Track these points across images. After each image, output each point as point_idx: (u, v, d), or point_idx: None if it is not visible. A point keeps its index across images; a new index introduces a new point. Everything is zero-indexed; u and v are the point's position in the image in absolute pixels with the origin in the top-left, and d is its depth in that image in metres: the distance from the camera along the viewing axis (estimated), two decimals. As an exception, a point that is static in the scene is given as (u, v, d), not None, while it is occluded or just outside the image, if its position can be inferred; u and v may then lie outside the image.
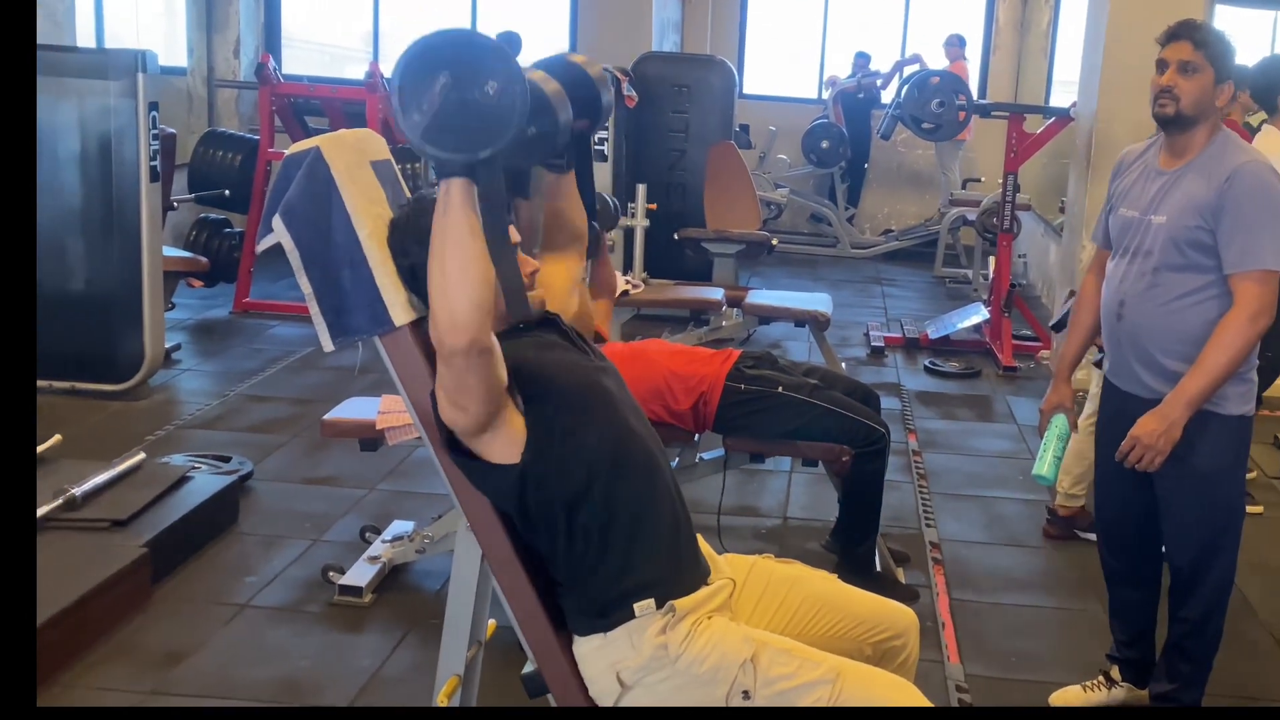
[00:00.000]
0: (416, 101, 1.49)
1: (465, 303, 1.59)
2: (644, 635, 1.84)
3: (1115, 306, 2.64)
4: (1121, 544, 2.87)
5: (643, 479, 1.91)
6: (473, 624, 2.04)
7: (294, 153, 1.87)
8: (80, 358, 5.16)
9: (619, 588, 1.86)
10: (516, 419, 1.82)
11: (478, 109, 1.50)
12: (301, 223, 1.83)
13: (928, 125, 5.81)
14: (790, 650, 1.86)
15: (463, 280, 1.59)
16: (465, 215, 1.58)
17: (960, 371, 6.06)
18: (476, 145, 1.52)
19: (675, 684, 1.84)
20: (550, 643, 1.86)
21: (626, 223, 6.26)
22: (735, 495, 4.29)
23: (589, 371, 1.97)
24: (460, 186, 1.57)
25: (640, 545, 1.88)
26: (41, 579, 3.09)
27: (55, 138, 5.07)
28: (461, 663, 2.01)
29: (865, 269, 8.96)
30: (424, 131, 1.50)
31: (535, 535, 1.89)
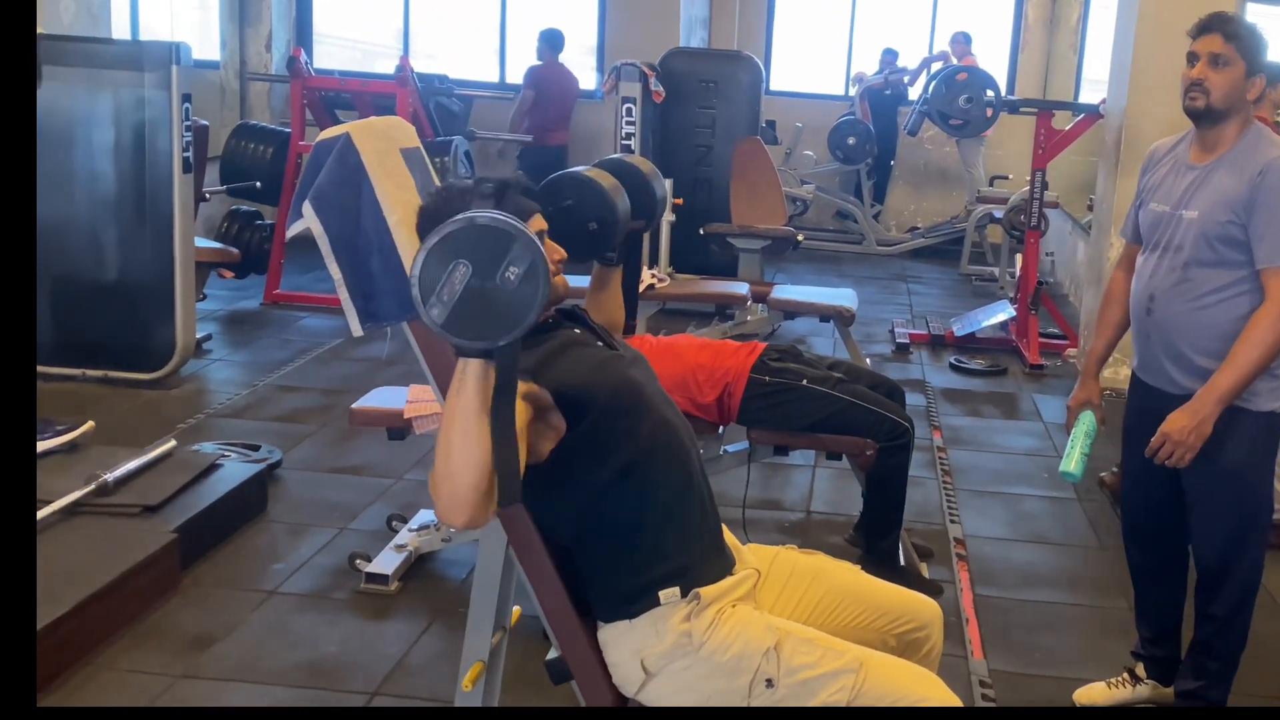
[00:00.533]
0: (436, 291, 1.49)
1: (466, 486, 1.58)
2: (668, 622, 1.85)
3: (1145, 302, 2.63)
4: (1148, 540, 2.86)
5: (675, 469, 1.93)
6: (498, 610, 2.05)
7: (324, 139, 1.89)
8: (114, 346, 5.23)
9: (646, 575, 1.87)
10: (546, 438, 1.83)
11: (497, 296, 1.49)
12: (331, 208, 1.85)
13: (955, 121, 5.78)
14: (814, 640, 1.87)
15: (466, 463, 1.57)
16: (477, 398, 1.56)
17: (986, 369, 6.04)
18: (497, 332, 1.51)
19: (699, 671, 1.85)
20: (575, 628, 1.87)
21: (653, 217, 6.27)
22: (759, 488, 4.30)
23: (619, 368, 1.98)
24: (476, 368, 1.56)
25: (670, 534, 1.90)
26: (73, 563, 3.19)
27: (91, 128, 5.14)
28: (486, 648, 2.03)
29: (891, 266, 8.93)
30: (445, 322, 1.50)
31: (558, 523, 1.90)
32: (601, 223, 1.99)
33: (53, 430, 4.04)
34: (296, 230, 1.90)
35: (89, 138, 5.15)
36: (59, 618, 2.87)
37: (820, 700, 1.81)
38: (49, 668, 2.83)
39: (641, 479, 1.88)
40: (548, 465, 1.84)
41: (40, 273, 5.23)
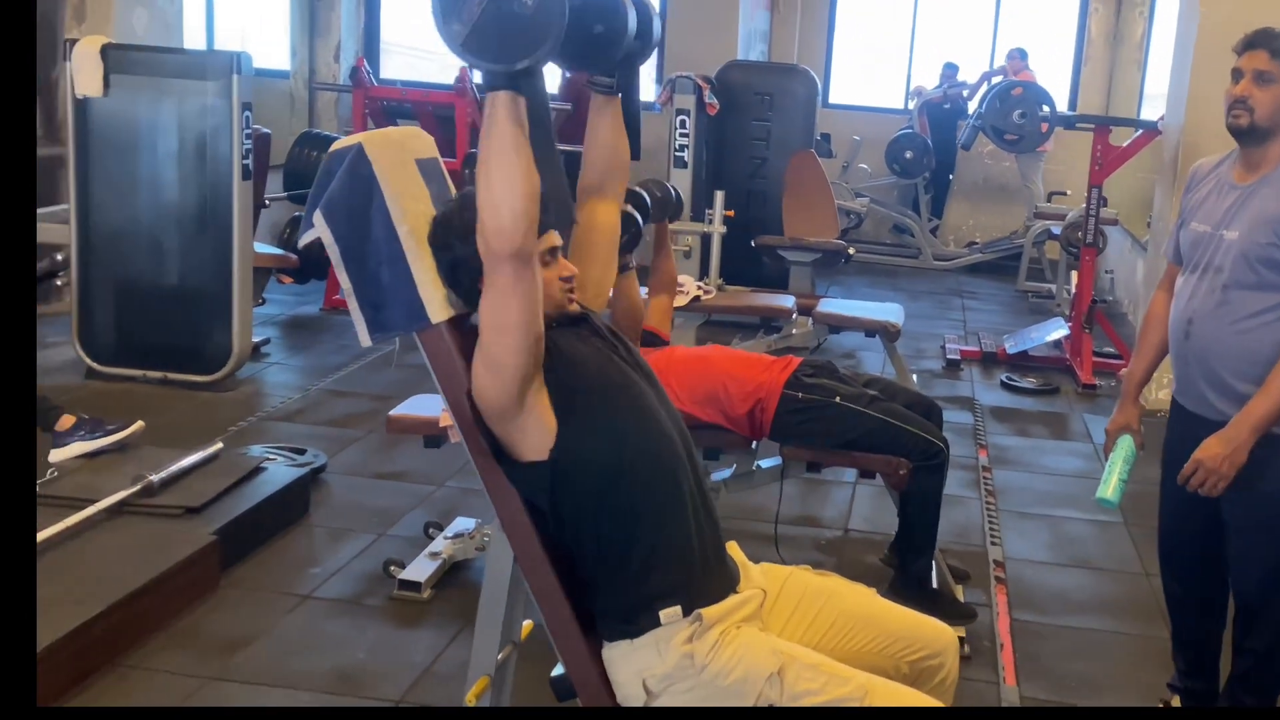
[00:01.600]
0: (457, 11, 1.52)
1: (509, 213, 1.66)
2: (670, 643, 1.84)
3: (1183, 325, 2.57)
4: (1185, 569, 2.79)
5: (668, 479, 1.91)
6: (506, 624, 2.06)
7: (337, 149, 1.91)
8: (173, 349, 5.35)
9: (644, 592, 1.86)
10: (547, 409, 1.84)
11: (516, 19, 1.51)
12: (342, 218, 1.87)
13: (1010, 136, 5.70)
14: (818, 665, 1.84)
15: (508, 194, 1.64)
16: (510, 128, 1.62)
17: (1038, 388, 5.94)
18: (515, 55, 1.54)
19: (700, 694, 1.83)
20: (579, 646, 1.86)
21: (703, 228, 6.27)
22: (798, 505, 4.27)
23: (621, 369, 1.97)
24: (505, 100, 1.62)
25: (663, 548, 1.88)
26: (114, 562, 3.25)
27: (156, 135, 5.26)
28: (493, 663, 2.03)
29: (946, 281, 8.83)
30: (464, 41, 1.53)
31: (564, 533, 1.90)
32: (607, 26, 1.88)
33: (103, 430, 4.13)
34: (308, 239, 1.92)
35: (154, 145, 5.27)
36: (93, 617, 2.93)
37: None
38: (82, 666, 2.89)
39: (633, 484, 1.87)
40: (556, 461, 1.84)
41: (103, 276, 5.38)
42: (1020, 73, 8.36)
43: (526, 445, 1.84)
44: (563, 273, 1.96)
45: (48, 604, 2.94)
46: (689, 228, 6.34)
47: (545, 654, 2.62)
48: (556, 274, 1.96)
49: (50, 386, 5.12)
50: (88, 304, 5.41)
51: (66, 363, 5.51)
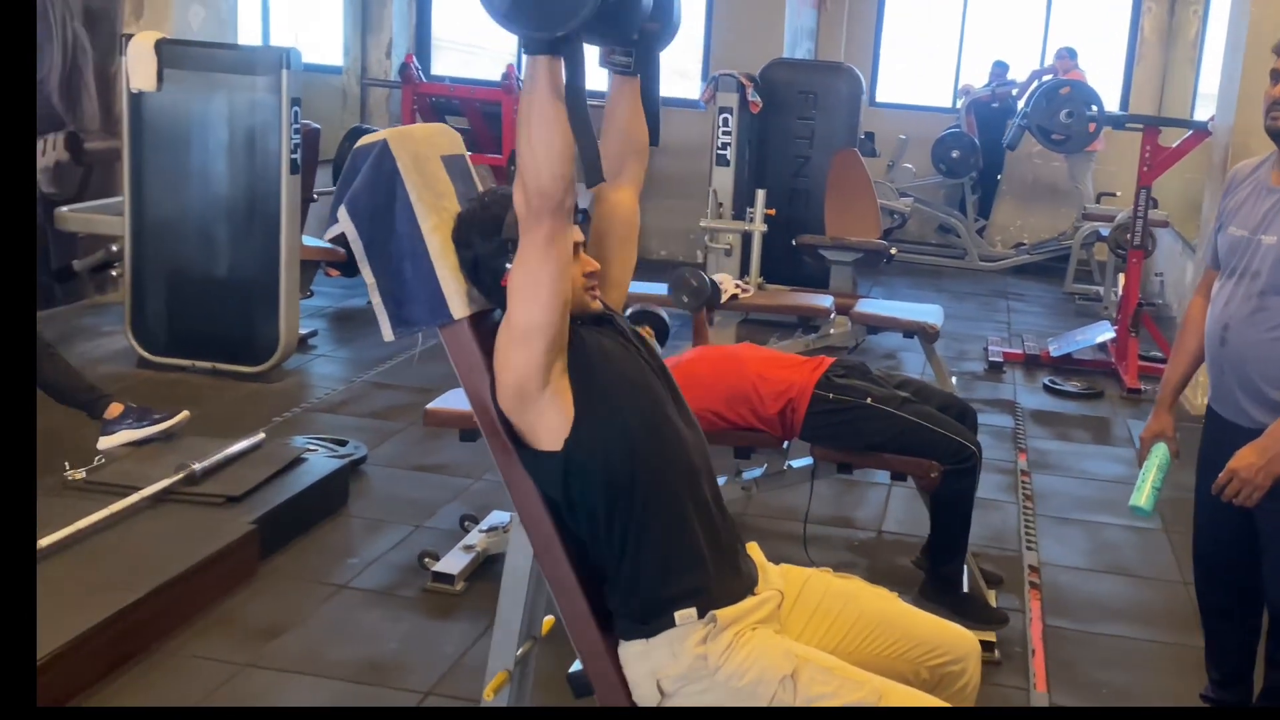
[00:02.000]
0: None
1: (549, 173, 1.72)
2: (685, 644, 1.84)
3: (1219, 331, 2.54)
4: (1218, 579, 2.76)
5: (682, 484, 1.91)
6: (526, 619, 2.08)
7: (362, 145, 1.93)
8: (222, 340, 5.45)
9: (660, 593, 1.86)
10: (568, 396, 1.86)
11: None
12: (365, 214, 1.89)
13: (1057, 136, 5.64)
14: (832, 669, 1.84)
15: (548, 154, 1.71)
16: (550, 92, 1.69)
17: (1081, 391, 5.87)
18: (555, 23, 1.61)
19: (714, 696, 1.84)
20: (596, 643, 1.88)
21: (744, 227, 6.27)
22: (832, 505, 4.26)
23: (642, 370, 1.98)
24: (545, 65, 1.69)
25: (678, 549, 1.88)
26: (154, 549, 3.32)
27: (206, 130, 5.35)
28: (511, 658, 2.05)
29: (992, 282, 8.75)
30: (506, 10, 1.61)
31: (580, 528, 1.91)
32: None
33: (150, 419, 4.22)
34: (332, 234, 1.95)
35: (205, 139, 5.37)
36: (131, 603, 2.99)
37: None
38: (122, 650, 2.95)
39: (648, 486, 1.87)
40: (569, 454, 1.85)
41: (156, 267, 5.49)
42: (1070, 72, 8.26)
43: (543, 430, 1.86)
44: (586, 268, 1.97)
45: (90, 589, 3.04)
46: (730, 226, 6.34)
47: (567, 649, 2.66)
48: (580, 269, 1.96)
49: (103, 375, 5.24)
50: (140, 294, 5.52)
51: (119, 351, 5.62)
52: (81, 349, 5.75)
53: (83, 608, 2.92)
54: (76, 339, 5.91)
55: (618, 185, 2.15)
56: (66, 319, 6.23)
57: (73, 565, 3.16)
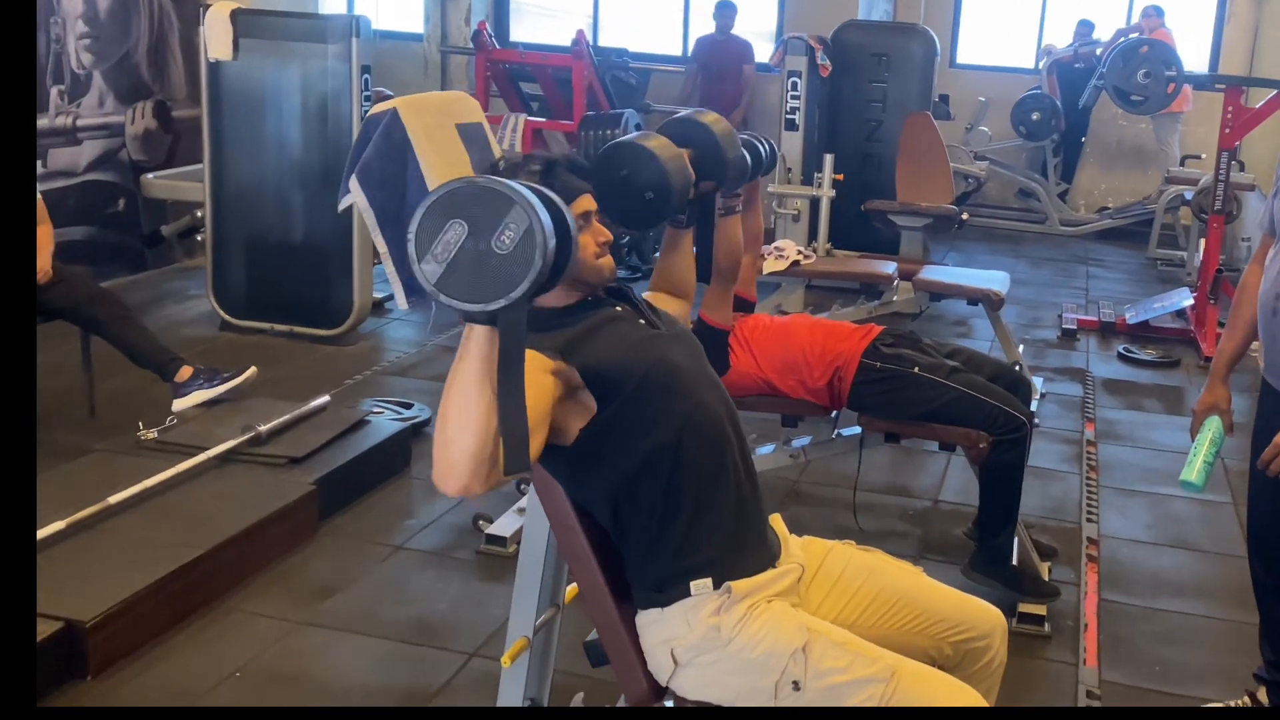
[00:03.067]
0: (431, 249, 1.48)
1: (460, 452, 1.53)
2: (699, 614, 1.84)
3: (1271, 300, 2.46)
4: (1273, 558, 2.69)
5: (709, 456, 1.90)
6: (547, 587, 2.11)
7: (373, 115, 1.96)
8: (299, 303, 5.58)
9: (678, 565, 1.87)
10: (575, 417, 1.84)
11: (492, 259, 1.47)
12: (376, 183, 1.91)
13: (1135, 97, 5.47)
14: (845, 644, 1.83)
15: (461, 430, 1.53)
16: (479, 364, 1.52)
17: (1157, 360, 5.73)
18: (490, 296, 1.48)
19: (726, 667, 1.84)
20: (610, 613, 1.89)
21: (812, 192, 6.20)
22: (889, 473, 4.24)
23: (657, 347, 1.95)
24: (481, 334, 1.53)
25: (702, 523, 1.88)
26: (217, 508, 3.43)
27: (281, 98, 5.46)
28: (530, 625, 2.08)
29: (1073, 247, 8.54)
30: (438, 280, 1.48)
31: (594, 507, 1.92)
32: (657, 192, 1.97)
33: (220, 378, 4.34)
34: (344, 205, 1.97)
35: (279, 106, 5.48)
36: (193, 559, 3.10)
37: (848, 707, 1.77)
38: (184, 605, 3.07)
39: (673, 463, 1.86)
40: (580, 445, 1.84)
41: (235, 232, 5.64)
42: (1156, 31, 7.97)
43: (554, 438, 1.83)
44: (598, 237, 1.96)
45: (154, 545, 3.16)
46: (797, 191, 6.28)
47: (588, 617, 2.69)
48: (591, 238, 1.95)
49: (187, 337, 5.43)
50: (221, 259, 5.68)
51: (203, 315, 5.80)
52: (169, 312, 5.94)
53: (145, 564, 3.04)
54: (165, 302, 6.11)
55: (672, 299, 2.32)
56: (156, 283, 6.44)
57: (139, 522, 3.29)
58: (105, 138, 6.20)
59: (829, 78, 6.84)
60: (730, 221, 2.66)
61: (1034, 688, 2.97)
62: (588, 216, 1.95)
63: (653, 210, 1.97)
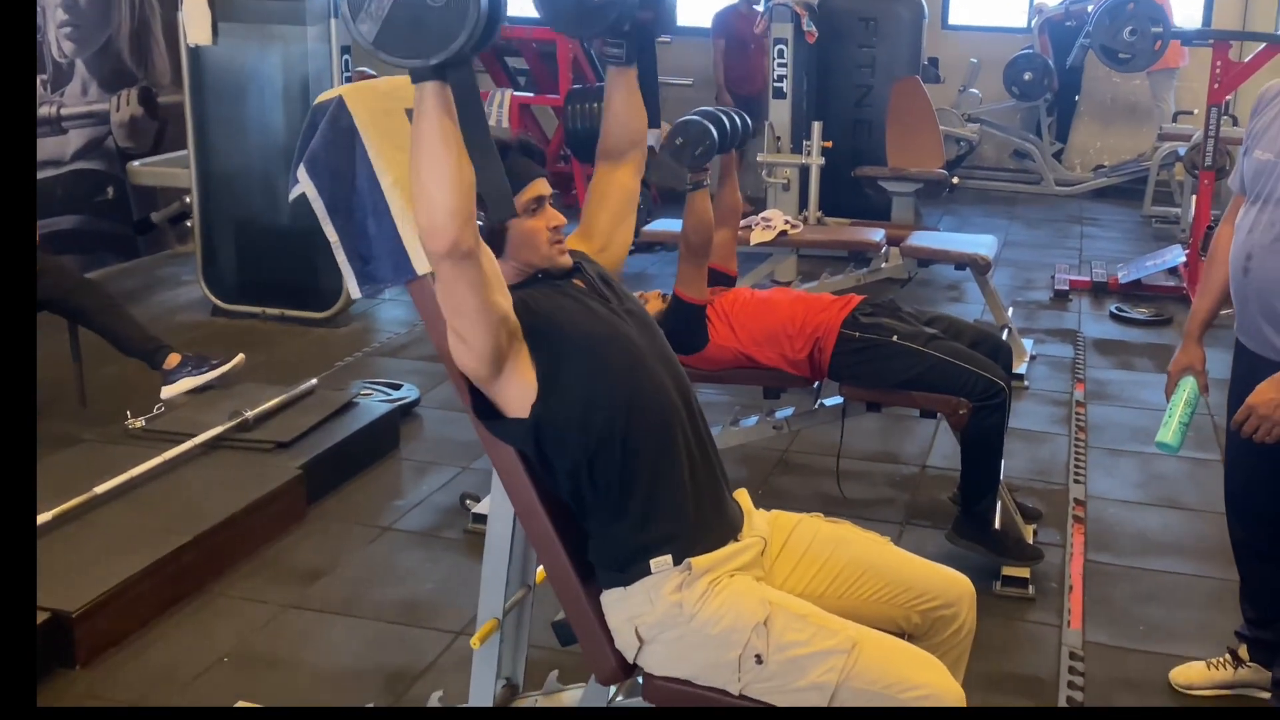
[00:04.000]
0: (365, 6, 1.49)
1: (440, 209, 1.60)
2: (660, 591, 1.85)
3: (1242, 260, 2.45)
4: (1250, 516, 2.69)
5: (660, 432, 1.90)
6: (515, 569, 2.12)
7: (320, 102, 1.95)
8: (289, 287, 5.59)
9: (637, 542, 1.87)
10: (528, 370, 1.85)
11: (428, 11, 1.48)
12: (324, 171, 1.91)
13: (1123, 55, 5.42)
14: (807, 616, 1.83)
15: (437, 186, 1.59)
16: (438, 121, 1.56)
17: (1149, 318, 5.71)
18: (428, 51, 1.50)
19: (690, 643, 1.85)
20: (576, 593, 1.90)
21: (801, 160, 6.17)
22: (878, 441, 4.24)
23: (608, 319, 1.95)
24: (433, 90, 1.56)
25: (658, 499, 1.88)
26: (207, 493, 3.45)
27: (262, 81, 5.45)
28: (500, 607, 2.09)
29: (1068, 207, 8.50)
30: (375, 38, 1.51)
31: (557, 485, 1.92)
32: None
33: (208, 365, 4.36)
34: (294, 195, 1.97)
35: (261, 90, 5.47)
36: (180, 546, 3.13)
37: (810, 679, 1.78)
38: (172, 592, 3.10)
39: (625, 440, 1.86)
40: (538, 419, 1.85)
41: (223, 217, 5.63)
42: (1147, -15, 7.88)
43: (508, 403, 1.86)
44: (551, 223, 1.96)
45: (141, 533, 3.18)
46: (786, 160, 6.25)
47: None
48: (544, 223, 1.95)
49: (180, 323, 5.44)
50: (210, 245, 5.68)
51: (195, 301, 5.81)
52: (161, 298, 5.96)
53: (132, 551, 3.07)
54: (157, 289, 6.13)
55: (618, 165, 2.18)
56: (148, 270, 6.46)
57: (126, 510, 3.31)
58: (91, 126, 6.20)
59: (816, 44, 6.79)
60: (699, 196, 2.66)
61: (1017, 650, 2.99)
62: (540, 201, 1.95)
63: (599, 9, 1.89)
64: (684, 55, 8.48)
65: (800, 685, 1.79)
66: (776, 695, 1.82)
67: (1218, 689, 2.80)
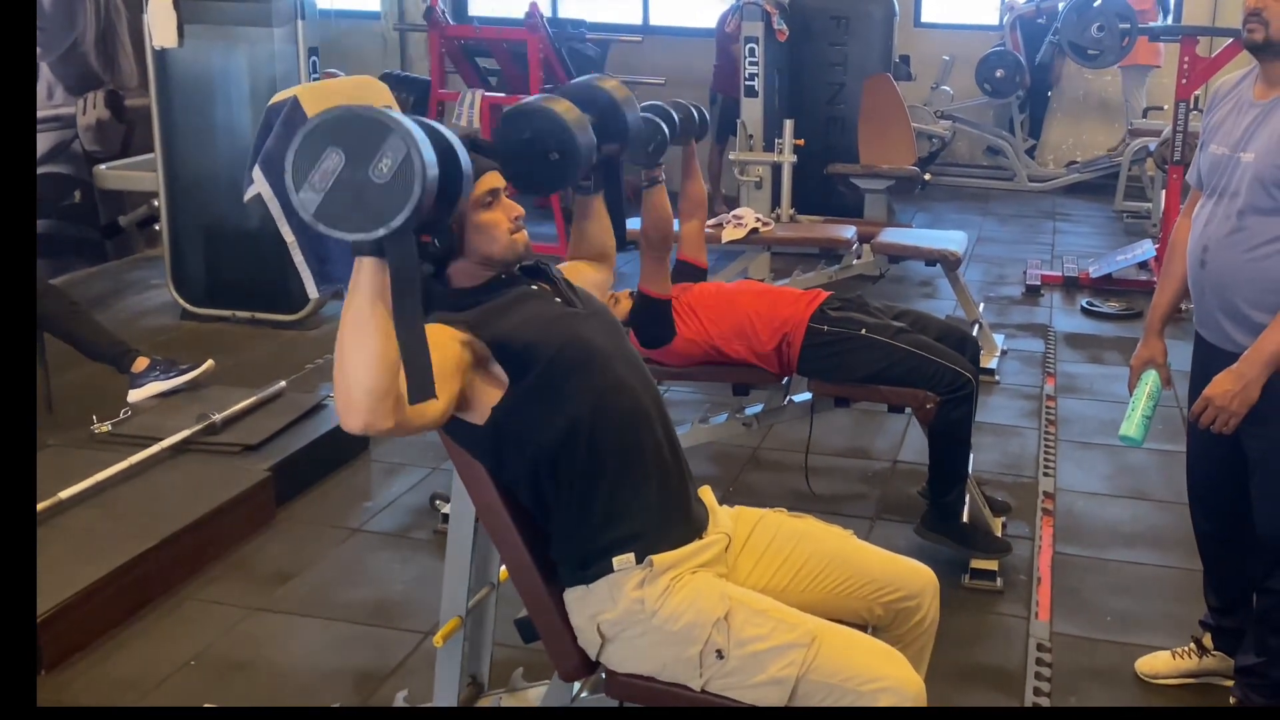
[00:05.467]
0: (309, 178, 1.47)
1: (357, 386, 1.54)
2: (623, 589, 1.85)
3: (1199, 253, 2.46)
4: (1211, 506, 2.71)
5: (627, 433, 1.90)
6: (479, 568, 2.11)
7: (275, 102, 1.93)
8: (259, 289, 5.54)
9: (600, 541, 1.87)
10: (489, 383, 1.83)
11: (370, 188, 1.46)
12: (279, 172, 1.90)
13: (1091, 51, 5.45)
14: (767, 611, 1.83)
15: (358, 364, 1.53)
16: (369, 302, 1.52)
17: (1119, 312, 5.74)
18: (371, 224, 1.47)
19: (652, 639, 1.85)
20: (539, 591, 1.90)
21: (773, 158, 6.18)
22: (849, 437, 4.25)
23: (571, 325, 1.94)
24: (370, 268, 1.52)
25: (622, 499, 1.88)
26: (174, 496, 3.42)
27: (229, 84, 5.41)
28: (462, 606, 2.09)
29: (1041, 203, 8.54)
30: (316, 210, 1.47)
31: (517, 488, 1.91)
32: (562, 152, 1.97)
33: (176, 370, 4.33)
34: (250, 196, 1.96)
35: (228, 92, 5.43)
36: (146, 550, 3.11)
37: (770, 673, 1.78)
38: (139, 596, 3.07)
39: (590, 441, 1.86)
40: (497, 424, 1.84)
41: (192, 220, 5.59)
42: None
43: (468, 412, 1.85)
44: (510, 213, 1.94)
45: (107, 538, 3.16)
46: (759, 158, 6.26)
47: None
48: (502, 215, 1.94)
49: (148, 327, 5.40)
50: (179, 248, 5.64)
51: (164, 305, 5.77)
52: (129, 303, 5.91)
53: (98, 556, 3.04)
54: (125, 293, 6.08)
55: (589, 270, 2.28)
56: (116, 274, 6.40)
57: (92, 515, 3.29)
58: (57, 129, 6.15)
59: (788, 42, 6.81)
60: (656, 192, 2.66)
61: (985, 642, 3.00)
62: (495, 193, 1.94)
63: (559, 171, 1.97)
64: (656, 54, 8.49)
65: (760, 680, 1.79)
66: (737, 690, 1.82)
67: (1183, 678, 2.82)
